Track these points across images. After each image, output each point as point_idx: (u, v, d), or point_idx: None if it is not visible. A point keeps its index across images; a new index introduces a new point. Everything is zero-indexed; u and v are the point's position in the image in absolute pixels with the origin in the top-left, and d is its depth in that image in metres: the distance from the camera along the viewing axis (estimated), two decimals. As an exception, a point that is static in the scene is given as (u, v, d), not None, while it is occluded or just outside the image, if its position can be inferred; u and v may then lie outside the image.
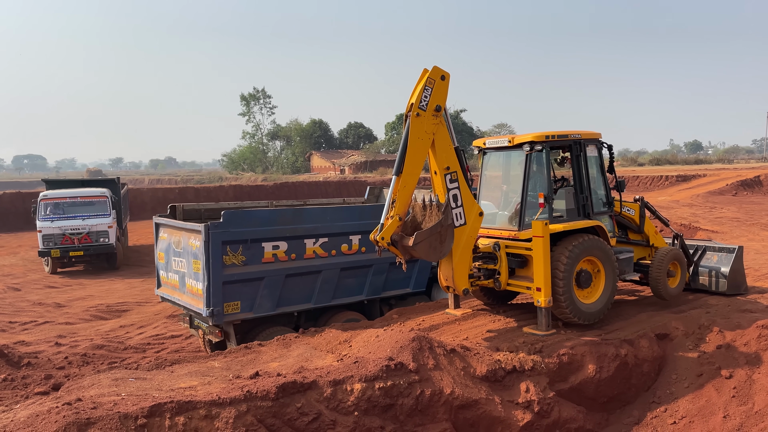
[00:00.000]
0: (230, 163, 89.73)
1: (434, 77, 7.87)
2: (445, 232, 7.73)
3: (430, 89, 7.84)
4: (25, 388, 9.34)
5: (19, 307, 15.52)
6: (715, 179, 38.28)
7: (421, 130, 7.80)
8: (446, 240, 7.77)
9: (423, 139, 7.83)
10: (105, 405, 5.71)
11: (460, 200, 8.26)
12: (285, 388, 6.20)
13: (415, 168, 7.78)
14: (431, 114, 7.86)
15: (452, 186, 8.20)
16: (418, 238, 7.49)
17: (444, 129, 8.13)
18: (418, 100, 7.77)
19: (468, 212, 8.32)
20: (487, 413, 6.95)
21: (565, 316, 8.42)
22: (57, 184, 24.14)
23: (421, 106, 7.77)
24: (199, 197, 41.11)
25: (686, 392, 7.69)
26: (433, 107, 7.86)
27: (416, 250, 7.50)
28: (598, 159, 9.36)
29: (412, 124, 7.76)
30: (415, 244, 7.46)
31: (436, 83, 7.87)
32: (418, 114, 7.77)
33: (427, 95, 7.82)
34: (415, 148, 7.78)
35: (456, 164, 8.27)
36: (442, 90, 7.95)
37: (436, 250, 7.69)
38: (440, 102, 7.90)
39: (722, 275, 10.37)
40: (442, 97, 7.95)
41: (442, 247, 7.73)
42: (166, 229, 10.28)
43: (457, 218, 8.24)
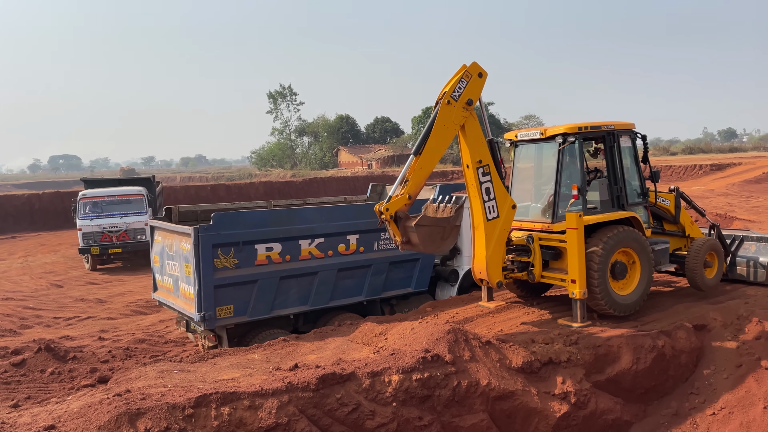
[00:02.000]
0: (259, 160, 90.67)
1: (472, 72, 7.98)
2: (449, 230, 7.63)
3: (465, 82, 7.92)
4: (72, 380, 9.71)
5: (62, 303, 16.03)
6: (750, 167, 37.41)
7: (449, 118, 7.85)
8: (448, 238, 7.65)
9: (449, 127, 7.87)
10: (153, 396, 5.92)
11: (492, 193, 8.28)
12: (325, 380, 6.34)
13: (434, 153, 7.78)
14: (462, 106, 7.91)
15: (485, 179, 8.22)
16: (423, 221, 7.41)
17: (475, 122, 8.16)
18: (452, 89, 7.85)
19: (501, 205, 8.33)
20: (524, 404, 7.01)
21: (601, 307, 8.41)
22: (95, 183, 24.80)
23: (454, 95, 7.85)
24: (230, 194, 41.70)
25: (725, 383, 7.63)
26: (465, 100, 7.92)
27: (416, 233, 7.38)
28: (632, 150, 9.29)
29: (441, 111, 7.82)
30: (417, 225, 7.36)
31: (473, 78, 7.97)
32: (449, 102, 7.84)
33: (462, 87, 7.90)
34: (439, 134, 7.81)
35: (488, 157, 8.27)
36: (477, 86, 8.02)
37: (434, 243, 7.57)
38: (473, 97, 7.95)
39: (761, 265, 10.21)
40: (476, 93, 8.01)
41: (441, 243, 7.63)
42: (160, 231, 10.17)
43: (490, 211, 8.27)
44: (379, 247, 10.28)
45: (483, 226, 8.31)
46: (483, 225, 8.31)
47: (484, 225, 8.30)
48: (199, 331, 9.58)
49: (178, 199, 37.79)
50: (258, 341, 8.93)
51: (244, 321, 9.20)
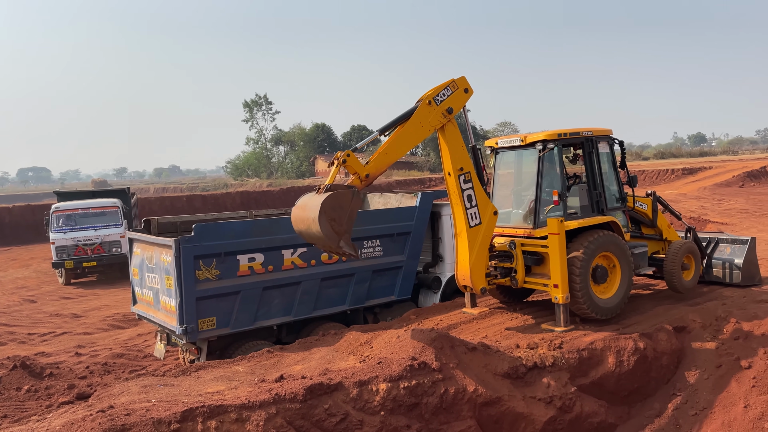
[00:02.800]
0: (234, 170, 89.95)
1: (459, 85, 8.19)
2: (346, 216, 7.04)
3: (450, 91, 8.09)
4: (50, 398, 9.47)
5: (37, 318, 15.68)
6: (721, 171, 38.26)
7: (425, 118, 7.92)
8: (344, 221, 7.01)
9: (424, 126, 7.93)
10: (138, 411, 5.82)
11: (474, 200, 8.34)
12: (312, 390, 6.30)
13: (402, 144, 7.81)
14: (441, 111, 8.02)
15: (466, 186, 8.29)
16: (336, 191, 6.96)
17: (456, 129, 8.25)
18: (435, 93, 7.99)
19: (483, 212, 8.40)
20: (511, 409, 7.04)
21: (583, 311, 8.50)
22: (68, 195, 24.33)
23: (436, 98, 7.98)
24: (207, 205, 41.28)
25: (706, 383, 7.75)
26: (445, 107, 8.06)
27: (324, 200, 6.87)
28: (610, 155, 9.44)
29: (420, 108, 7.89)
30: (326, 190, 6.95)
31: (458, 91, 8.16)
32: (430, 103, 7.93)
33: (445, 95, 8.06)
34: (412, 128, 7.85)
35: (470, 164, 8.35)
36: (461, 98, 8.20)
37: (333, 222, 6.89)
38: (455, 106, 8.09)
39: (736, 267, 10.43)
40: (458, 104, 8.16)
41: (338, 223, 6.93)
42: (139, 244, 10.00)
43: (473, 218, 8.33)
44: (362, 256, 10.26)
45: (466, 233, 8.39)
46: (466, 232, 8.38)
47: (467, 232, 8.38)
48: (181, 344, 9.43)
49: (153, 210, 37.28)
50: (241, 353, 8.82)
51: (226, 333, 9.07)
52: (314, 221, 6.85)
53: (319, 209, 6.81)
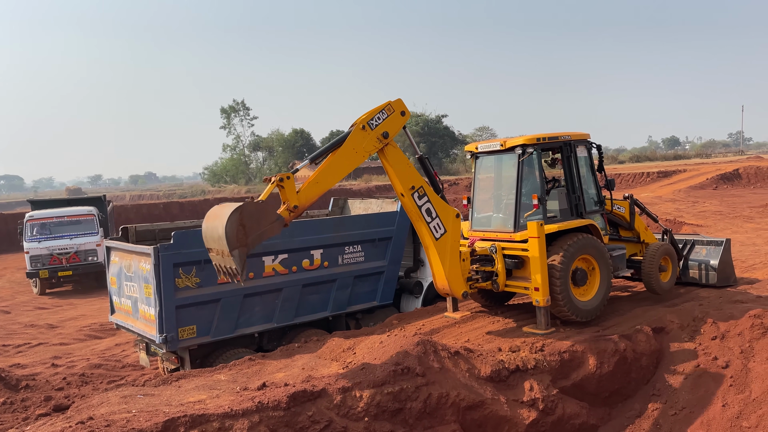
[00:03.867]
0: (212, 176, 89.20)
1: (395, 108, 7.85)
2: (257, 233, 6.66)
3: (386, 115, 7.76)
4: (26, 410, 9.28)
5: (11, 329, 15.35)
6: (695, 174, 38.93)
7: (359, 144, 7.60)
8: (251, 235, 6.60)
9: (358, 152, 7.61)
10: (118, 422, 5.72)
11: (434, 212, 8.22)
12: (295, 397, 6.26)
13: (335, 172, 7.49)
14: (376, 136, 7.69)
15: (422, 202, 8.13)
16: (265, 205, 6.68)
17: (397, 150, 7.97)
18: (369, 117, 7.66)
19: (445, 220, 8.29)
20: (494, 413, 7.07)
21: (564, 314, 8.58)
22: (43, 204, 23.91)
23: (371, 123, 7.65)
24: (184, 212, 40.81)
25: (685, 383, 7.87)
26: (381, 131, 7.72)
27: (248, 203, 6.60)
28: (588, 159, 9.56)
29: (354, 134, 7.58)
30: (247, 204, 6.56)
31: (394, 114, 7.82)
32: (364, 128, 7.62)
33: (381, 119, 7.72)
34: (345, 155, 7.53)
35: (419, 179, 8.14)
36: (397, 122, 7.86)
37: (242, 227, 6.48)
38: (390, 131, 7.78)
39: (712, 268, 10.62)
40: (394, 128, 7.82)
41: (245, 232, 6.52)
42: (117, 252, 9.86)
43: (437, 230, 8.22)
44: (344, 262, 10.24)
45: (434, 246, 8.31)
46: (433, 245, 8.30)
47: (435, 244, 8.30)
48: (161, 354, 9.30)
49: (129, 218, 36.74)
50: (222, 361, 8.72)
51: (207, 341, 8.97)
52: (224, 216, 6.41)
53: (236, 207, 6.43)
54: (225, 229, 6.33)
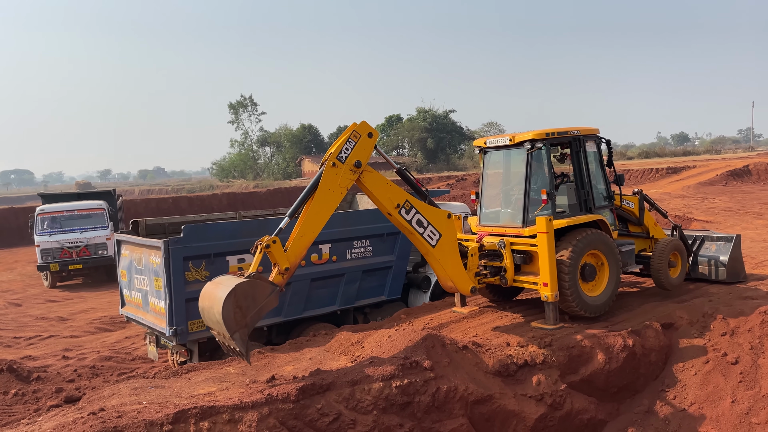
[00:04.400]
0: (220, 171, 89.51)
1: (361, 132, 7.53)
2: (255, 311, 6.55)
3: (353, 143, 7.43)
4: (37, 402, 9.38)
5: (22, 322, 15.50)
6: (704, 170, 38.66)
7: (334, 182, 7.29)
8: (249, 315, 6.50)
9: (334, 191, 7.31)
10: (129, 413, 5.79)
11: (425, 221, 8.00)
12: (305, 390, 6.30)
13: (317, 219, 7.21)
14: (349, 168, 7.38)
15: (411, 216, 7.91)
16: (257, 281, 6.54)
17: (373, 173, 7.72)
18: (337, 150, 7.36)
19: (438, 225, 8.10)
20: (502, 407, 7.08)
21: (572, 309, 8.57)
22: (53, 198, 24.07)
23: (340, 157, 7.34)
24: (193, 206, 41.00)
25: (694, 379, 7.85)
26: (352, 162, 7.39)
27: (240, 283, 6.41)
28: (597, 154, 9.52)
29: (326, 173, 7.25)
30: (239, 285, 6.36)
31: (362, 139, 7.50)
32: (334, 164, 7.30)
33: (349, 148, 7.40)
34: (323, 199, 7.23)
35: (402, 195, 7.90)
36: (367, 147, 7.55)
37: (238, 309, 6.35)
38: (362, 158, 7.47)
39: (722, 264, 10.56)
40: (365, 154, 7.53)
41: (242, 313, 6.41)
42: (128, 245, 9.92)
43: (431, 237, 8.05)
44: (352, 256, 10.27)
45: (432, 252, 8.17)
46: (432, 251, 8.16)
47: (433, 251, 8.14)
48: (171, 346, 9.37)
49: (138, 212, 36.97)
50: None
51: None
52: (219, 301, 6.25)
53: (230, 290, 6.24)
54: (222, 314, 6.20)
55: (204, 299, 6.68)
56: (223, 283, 6.52)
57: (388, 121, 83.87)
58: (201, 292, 6.82)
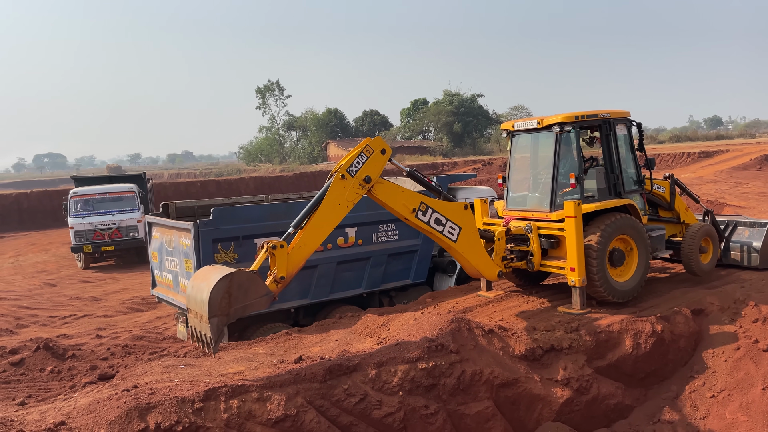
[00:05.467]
0: (247, 155, 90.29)
1: (374, 148, 7.33)
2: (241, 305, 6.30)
3: (365, 157, 7.24)
4: (72, 378, 9.68)
5: (57, 302, 15.95)
6: (738, 154, 37.80)
7: (341, 195, 7.10)
8: (234, 306, 6.25)
9: (341, 204, 7.13)
10: (161, 391, 5.94)
11: (442, 218, 7.87)
12: (332, 371, 6.38)
13: (321, 230, 7.02)
14: (358, 183, 7.19)
15: (427, 217, 7.77)
16: (257, 278, 6.36)
17: (386, 184, 7.54)
18: (348, 163, 7.17)
19: (456, 219, 7.98)
20: (528, 391, 7.09)
21: (600, 294, 8.50)
22: (86, 181, 24.61)
23: (350, 170, 7.15)
24: (220, 190, 41.50)
25: (724, 366, 7.75)
26: (362, 177, 7.21)
27: (240, 271, 6.29)
28: (628, 138, 9.38)
29: (333, 185, 7.07)
30: (238, 273, 6.22)
31: (374, 155, 7.31)
32: (344, 177, 7.11)
33: (360, 162, 7.22)
34: (329, 210, 7.03)
35: (417, 199, 7.72)
36: (378, 163, 7.36)
37: (227, 296, 6.15)
38: (372, 174, 7.29)
39: (754, 250, 10.36)
40: (376, 170, 7.34)
41: (229, 301, 6.19)
42: (158, 228, 10.12)
43: (451, 233, 7.94)
44: (378, 240, 10.32)
45: (455, 247, 8.08)
46: (454, 246, 8.06)
47: (455, 246, 8.05)
48: None
49: (167, 195, 37.55)
50: (260, 335, 8.93)
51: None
52: (213, 281, 6.05)
53: (228, 273, 6.08)
54: (210, 293, 5.99)
55: (196, 278, 6.50)
56: (222, 268, 6.39)
57: (414, 105, 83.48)
58: (199, 270, 6.64)
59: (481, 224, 9.60)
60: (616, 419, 7.55)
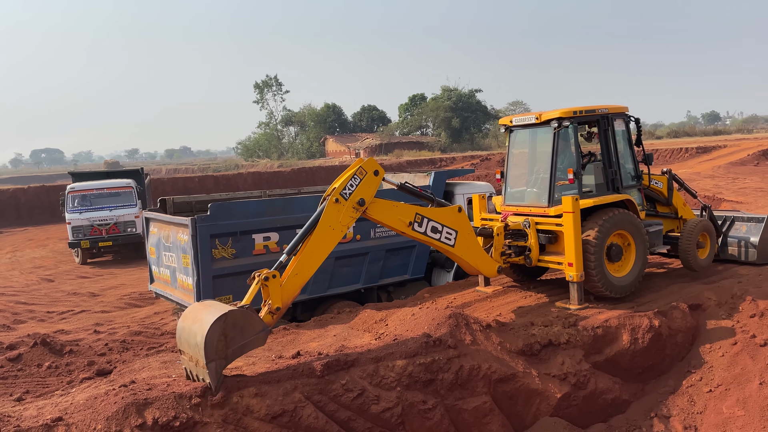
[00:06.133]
0: (245, 151, 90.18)
1: (367, 169, 7.27)
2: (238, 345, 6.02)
3: (359, 179, 7.19)
4: (70, 374, 9.67)
5: (55, 297, 15.92)
6: (735, 150, 37.82)
7: (335, 219, 7.01)
8: (232, 347, 5.95)
9: (335, 229, 7.02)
10: (159, 386, 5.94)
11: (439, 225, 7.88)
12: (329, 366, 6.38)
13: (315, 256, 6.90)
14: (352, 206, 7.12)
15: (423, 227, 7.76)
16: (251, 314, 6.12)
17: (380, 202, 7.51)
18: (342, 186, 7.09)
19: (451, 224, 7.98)
20: (525, 386, 7.10)
21: (597, 290, 8.51)
22: (83, 176, 24.53)
23: (343, 193, 7.08)
24: (219, 185, 41.45)
25: (721, 361, 7.76)
26: (356, 199, 7.14)
27: (234, 311, 5.99)
28: (626, 133, 9.37)
29: (327, 209, 6.98)
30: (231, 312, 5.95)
31: (367, 176, 7.25)
32: (337, 200, 7.03)
33: (354, 185, 7.15)
34: (323, 236, 6.92)
35: (411, 211, 7.70)
36: (372, 184, 7.30)
37: (223, 337, 5.84)
38: (366, 196, 7.22)
39: (752, 245, 10.37)
40: (370, 192, 7.28)
41: (225, 343, 5.88)
42: (156, 223, 10.11)
43: (448, 239, 7.96)
44: (376, 235, 10.31)
45: (453, 252, 8.12)
46: (452, 251, 8.10)
47: (453, 250, 8.08)
48: None
49: (165, 191, 37.49)
50: None
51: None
52: (206, 323, 5.75)
53: (221, 314, 5.78)
54: (205, 338, 5.67)
55: (186, 318, 6.15)
56: (214, 307, 6.12)
57: (412, 100, 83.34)
58: (185, 311, 6.38)
59: (480, 220, 9.61)
60: (614, 414, 7.57)
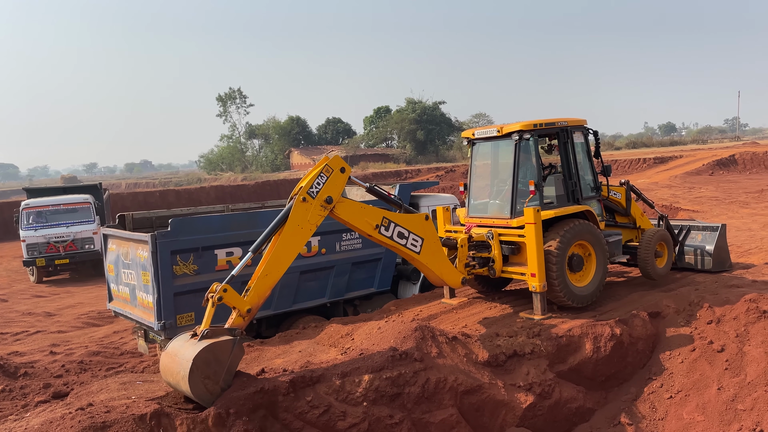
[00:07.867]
0: (208, 164, 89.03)
1: (333, 167, 7.26)
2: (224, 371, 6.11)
3: (325, 177, 7.18)
4: (25, 398, 9.30)
5: (9, 317, 15.36)
6: (691, 160, 38.92)
7: (303, 217, 6.99)
8: (221, 377, 6.07)
9: (303, 227, 7.00)
10: (118, 408, 5.76)
11: (405, 231, 7.89)
12: (295, 383, 6.30)
13: (285, 256, 6.85)
14: (320, 204, 7.12)
15: (390, 231, 7.77)
16: (213, 343, 6.03)
17: (348, 203, 7.52)
18: (308, 185, 7.09)
19: (418, 231, 8.00)
20: (491, 397, 7.13)
21: (560, 299, 8.62)
22: (38, 192, 23.83)
23: (311, 192, 7.06)
24: (180, 200, 40.73)
25: (681, 367, 7.93)
26: (323, 197, 7.14)
27: (198, 354, 5.92)
28: (585, 145, 9.56)
29: (295, 208, 6.96)
30: (203, 337, 6.08)
31: (334, 173, 7.25)
32: (305, 199, 7.02)
33: (321, 183, 7.14)
34: (291, 235, 6.89)
35: (378, 214, 7.69)
36: (339, 182, 7.30)
37: (208, 380, 5.96)
38: (333, 194, 7.23)
39: (707, 253, 10.67)
40: (337, 189, 7.29)
41: (213, 380, 6.02)
42: (115, 239, 9.85)
43: (414, 245, 7.97)
44: (341, 248, 10.26)
45: (418, 259, 8.12)
46: (418, 258, 8.10)
47: (419, 257, 8.09)
48: (159, 341, 9.33)
49: (125, 206, 36.70)
50: None
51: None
52: (184, 379, 5.79)
53: (191, 366, 5.76)
54: (194, 395, 5.87)
55: (167, 375, 6.20)
56: (179, 354, 6.05)
57: (377, 113, 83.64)
58: (160, 364, 6.34)
59: (444, 232, 9.66)
60: (578, 423, 7.66)
